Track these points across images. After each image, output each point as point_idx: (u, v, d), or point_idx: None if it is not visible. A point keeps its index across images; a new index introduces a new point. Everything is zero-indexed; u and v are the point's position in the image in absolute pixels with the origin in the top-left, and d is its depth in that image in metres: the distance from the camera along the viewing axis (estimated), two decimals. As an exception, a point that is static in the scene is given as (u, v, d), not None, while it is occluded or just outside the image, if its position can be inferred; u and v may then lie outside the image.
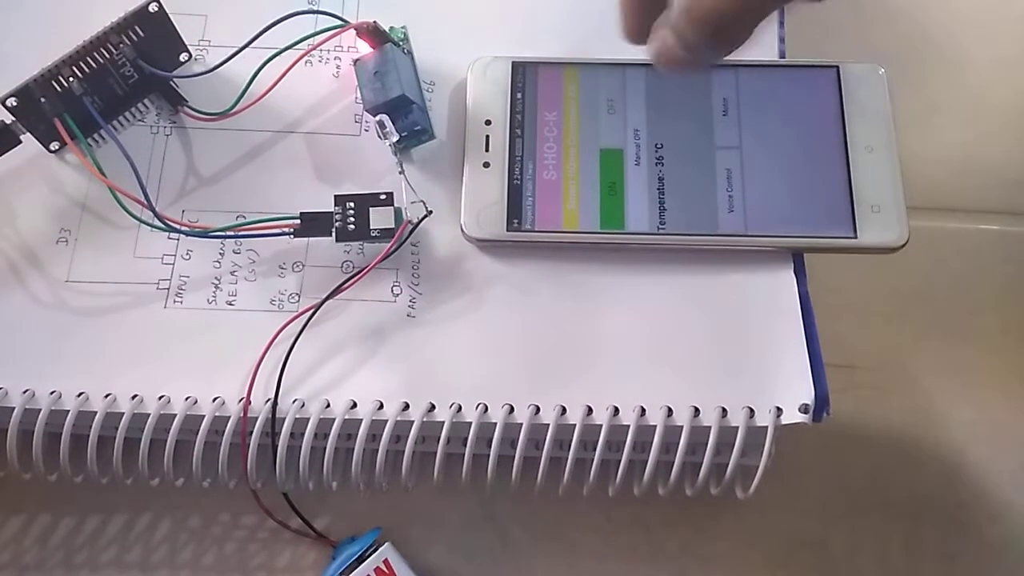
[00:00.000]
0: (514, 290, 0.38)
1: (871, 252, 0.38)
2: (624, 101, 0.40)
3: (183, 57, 0.40)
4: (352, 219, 0.37)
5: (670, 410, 0.35)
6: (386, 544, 0.37)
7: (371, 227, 0.37)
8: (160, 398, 0.36)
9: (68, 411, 0.35)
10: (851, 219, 0.38)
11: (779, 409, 0.35)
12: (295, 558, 0.39)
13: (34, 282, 0.38)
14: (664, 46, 0.33)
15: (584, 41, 0.41)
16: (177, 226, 0.37)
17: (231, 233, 0.37)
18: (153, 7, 0.37)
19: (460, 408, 0.35)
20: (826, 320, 0.37)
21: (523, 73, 0.40)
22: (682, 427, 0.35)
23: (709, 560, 0.40)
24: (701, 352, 0.37)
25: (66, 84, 0.37)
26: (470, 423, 0.35)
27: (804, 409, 0.35)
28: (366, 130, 0.40)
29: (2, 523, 0.40)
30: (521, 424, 0.35)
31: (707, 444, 0.35)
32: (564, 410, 0.35)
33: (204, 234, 0.38)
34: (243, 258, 0.38)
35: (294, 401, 0.36)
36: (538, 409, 0.35)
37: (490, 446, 0.35)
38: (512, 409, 0.35)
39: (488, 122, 0.39)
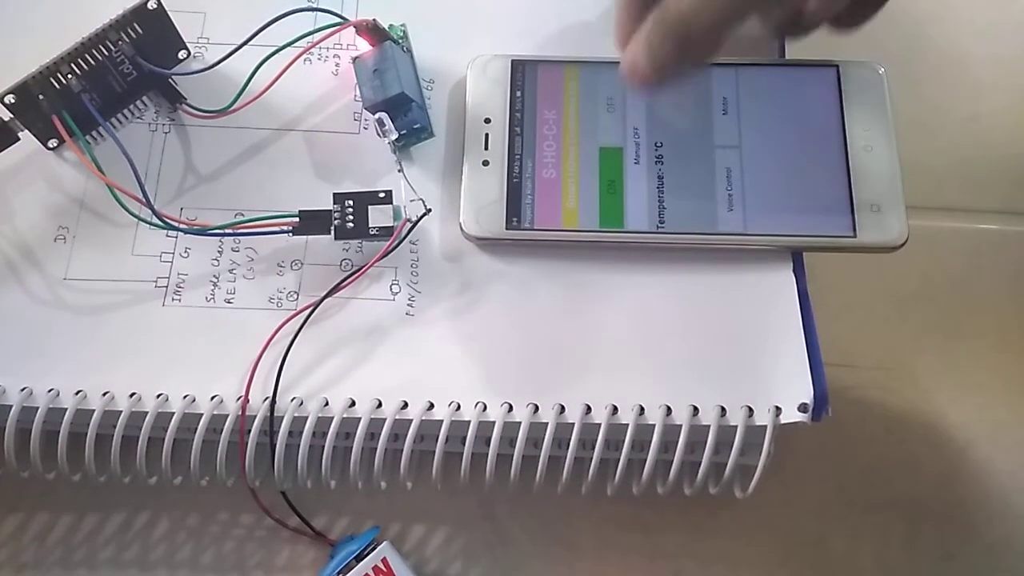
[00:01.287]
0: (513, 288, 0.38)
1: (870, 251, 0.38)
2: (623, 99, 0.40)
3: (182, 54, 0.40)
4: (351, 217, 0.37)
5: (669, 409, 0.35)
6: (384, 543, 0.37)
7: (370, 225, 0.37)
8: (158, 396, 0.35)
9: (66, 409, 0.35)
10: (851, 218, 0.38)
11: (778, 408, 0.35)
12: (293, 556, 0.39)
13: (32, 280, 0.37)
14: (633, 62, 0.35)
15: (584, 39, 0.41)
16: (175, 224, 0.37)
17: (229, 231, 0.37)
18: (152, 4, 0.37)
19: (459, 407, 0.35)
20: (825, 319, 0.37)
21: (523, 71, 0.40)
22: (681, 426, 0.35)
23: (707, 559, 0.40)
24: (700, 351, 0.37)
25: (64, 81, 0.37)
26: (469, 422, 0.35)
27: (803, 408, 0.35)
28: (365, 128, 0.40)
29: (0, 521, 0.39)
30: (520, 423, 0.35)
31: (706, 443, 0.35)
32: (563, 409, 0.35)
33: (203, 232, 0.37)
34: (242, 256, 0.38)
35: (292, 399, 0.35)
36: (537, 408, 0.35)
37: (489, 445, 0.35)
38: (511, 408, 0.35)
39: (487, 120, 0.39)
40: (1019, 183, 0.47)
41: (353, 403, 0.36)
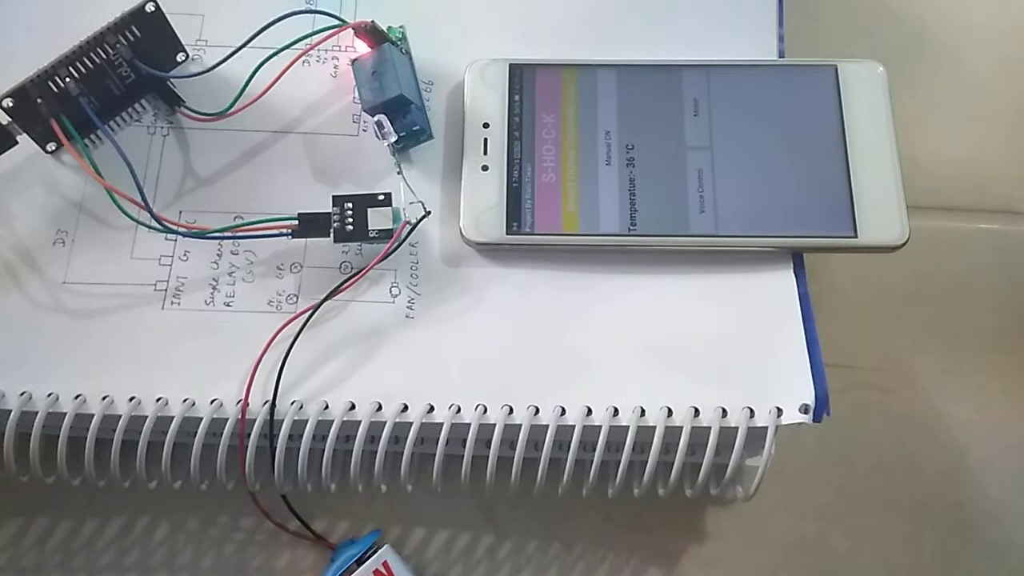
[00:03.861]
0: (513, 291, 0.38)
1: (871, 251, 0.38)
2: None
3: (180, 57, 0.40)
4: (350, 220, 0.37)
5: (670, 410, 0.35)
6: (385, 546, 0.37)
7: (369, 228, 0.36)
8: (158, 400, 0.35)
9: (65, 413, 0.35)
10: (851, 218, 0.37)
11: (779, 409, 0.35)
12: (294, 560, 0.39)
13: (31, 284, 0.37)
14: None
15: (582, 42, 0.41)
16: (174, 227, 0.37)
17: (229, 234, 0.37)
18: (150, 7, 0.37)
19: (459, 409, 0.35)
20: (826, 320, 0.37)
21: (520, 75, 0.40)
22: (682, 427, 0.35)
23: (708, 561, 0.40)
24: (701, 352, 0.37)
25: (63, 84, 0.37)
26: (469, 424, 0.35)
27: (804, 409, 0.35)
28: (364, 130, 0.40)
29: (0, 526, 0.39)
30: (520, 425, 0.35)
31: (707, 444, 0.35)
32: (564, 411, 0.35)
33: (202, 235, 0.37)
34: (241, 259, 0.38)
35: (292, 402, 0.35)
36: (537, 410, 0.35)
37: (489, 447, 0.35)
38: (511, 410, 0.35)
39: (486, 125, 0.39)
40: (1019, 183, 0.47)
41: (353, 406, 0.36)
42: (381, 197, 0.37)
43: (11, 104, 0.36)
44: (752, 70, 0.40)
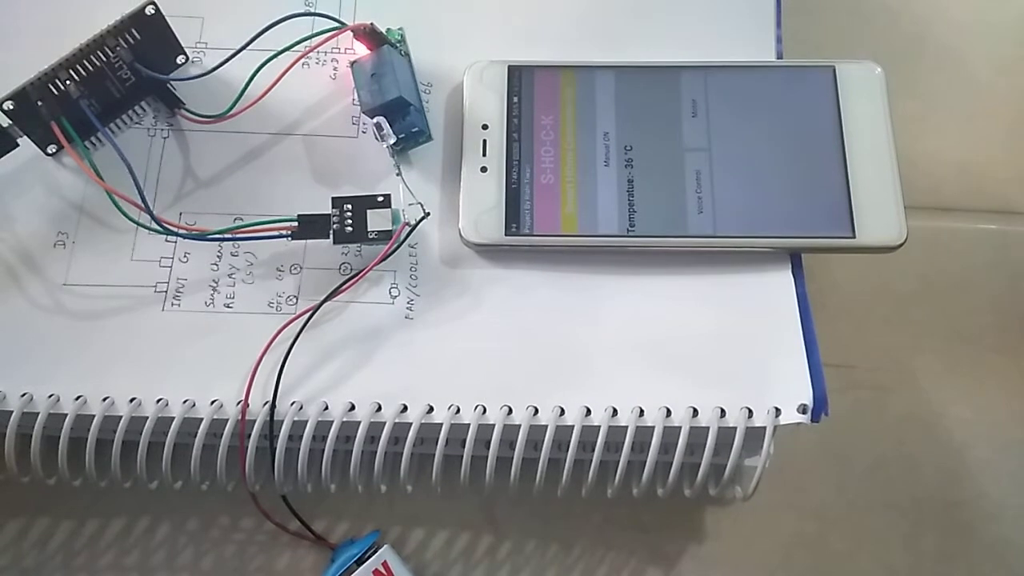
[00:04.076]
0: (512, 292, 0.38)
1: (869, 252, 0.38)
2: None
3: (180, 59, 0.40)
4: (350, 221, 0.37)
5: (668, 411, 0.35)
6: (385, 546, 0.37)
7: (368, 229, 0.37)
8: (158, 401, 0.35)
9: (66, 414, 0.35)
10: (849, 219, 0.38)
11: (777, 409, 0.35)
12: (294, 560, 0.39)
13: (32, 285, 0.38)
14: None
15: (581, 44, 0.41)
16: (174, 229, 0.37)
17: (229, 236, 0.37)
18: (150, 10, 0.37)
19: (458, 410, 0.35)
20: (825, 320, 0.37)
21: (519, 77, 0.40)
22: (680, 427, 0.35)
23: (707, 561, 0.40)
24: (700, 353, 0.37)
25: (63, 87, 0.37)
26: (468, 424, 0.35)
27: (802, 409, 0.35)
28: (363, 132, 0.40)
29: (1, 526, 0.40)
30: (519, 425, 0.35)
31: (705, 445, 0.35)
32: (563, 411, 0.35)
33: (202, 237, 0.37)
34: (241, 260, 0.38)
35: (292, 403, 0.36)
36: (537, 410, 0.35)
37: (489, 447, 0.35)
38: (510, 410, 0.35)
39: (485, 127, 0.39)
40: (1017, 183, 0.47)
41: (353, 407, 0.36)
42: (380, 199, 0.37)
43: (12, 107, 0.36)
44: (750, 71, 0.40)
